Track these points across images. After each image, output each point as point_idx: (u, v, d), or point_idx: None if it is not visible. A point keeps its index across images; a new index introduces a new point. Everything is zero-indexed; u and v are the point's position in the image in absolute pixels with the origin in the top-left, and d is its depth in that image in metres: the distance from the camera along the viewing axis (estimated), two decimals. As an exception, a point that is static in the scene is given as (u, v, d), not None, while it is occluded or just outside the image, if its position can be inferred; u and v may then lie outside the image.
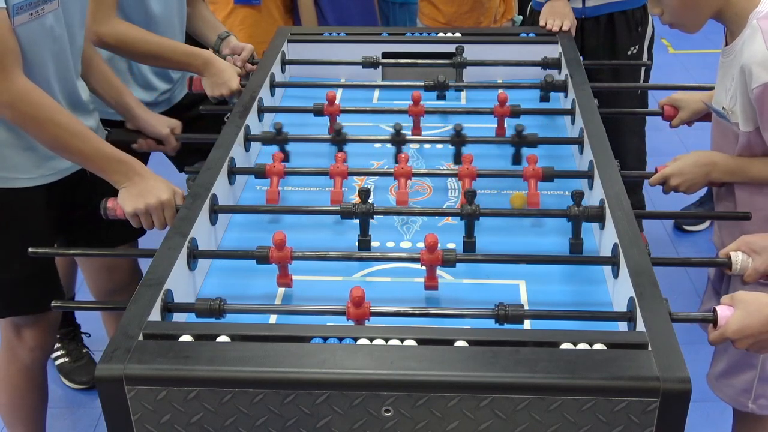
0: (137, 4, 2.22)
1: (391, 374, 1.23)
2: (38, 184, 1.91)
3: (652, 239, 3.32)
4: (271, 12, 3.26)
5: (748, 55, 1.68)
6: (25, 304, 1.99)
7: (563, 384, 1.21)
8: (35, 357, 2.11)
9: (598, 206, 1.69)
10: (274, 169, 1.88)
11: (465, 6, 3.27)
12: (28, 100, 1.69)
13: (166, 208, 1.76)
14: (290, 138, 2.04)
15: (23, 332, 2.06)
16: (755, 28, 1.68)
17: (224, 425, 1.26)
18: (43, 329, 2.08)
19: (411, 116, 2.15)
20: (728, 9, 1.74)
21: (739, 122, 1.76)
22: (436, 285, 1.57)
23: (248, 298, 1.59)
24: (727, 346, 1.82)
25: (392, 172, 1.86)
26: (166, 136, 2.18)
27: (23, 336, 2.07)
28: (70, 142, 1.74)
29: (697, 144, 4.02)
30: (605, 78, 2.89)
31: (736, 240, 1.60)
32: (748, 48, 1.68)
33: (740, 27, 1.73)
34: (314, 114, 2.15)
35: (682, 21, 1.80)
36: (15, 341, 2.08)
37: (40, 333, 2.07)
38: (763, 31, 1.66)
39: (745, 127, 1.75)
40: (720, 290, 1.91)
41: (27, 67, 1.74)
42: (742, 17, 1.72)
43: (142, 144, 2.19)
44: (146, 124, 2.16)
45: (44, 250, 1.69)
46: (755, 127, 1.74)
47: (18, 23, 1.68)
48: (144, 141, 2.18)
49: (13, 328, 2.06)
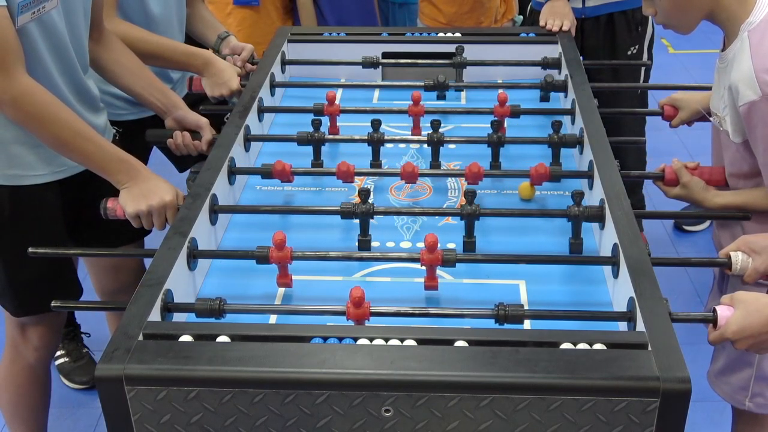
0: (137, 5, 2.22)
1: (391, 374, 1.23)
2: (49, 180, 1.90)
3: (652, 239, 3.32)
4: (270, 13, 3.26)
5: (736, 72, 1.68)
6: (43, 303, 1.97)
7: (563, 384, 1.21)
8: (40, 356, 2.11)
9: (598, 206, 1.69)
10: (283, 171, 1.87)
11: (466, 6, 3.27)
12: (30, 98, 1.69)
13: (169, 209, 1.76)
14: (326, 139, 2.03)
15: (28, 331, 2.06)
16: (745, 41, 1.68)
17: (224, 425, 1.26)
18: (48, 329, 2.07)
19: (411, 116, 2.15)
20: (720, 12, 1.74)
21: (729, 131, 1.77)
22: (436, 285, 1.57)
23: (248, 298, 1.59)
24: (726, 344, 1.82)
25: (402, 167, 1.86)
26: (207, 127, 2.11)
27: (28, 335, 2.06)
28: (72, 141, 1.74)
29: (697, 144, 4.04)
30: (605, 78, 2.89)
31: (735, 240, 1.60)
32: (737, 64, 1.68)
33: (733, 32, 1.73)
34: (314, 114, 2.15)
35: (674, 22, 1.81)
36: (20, 340, 2.07)
37: (45, 333, 2.07)
38: (751, 45, 1.66)
39: (734, 137, 1.76)
40: (725, 290, 1.91)
41: (31, 65, 1.73)
42: (734, 23, 1.72)
43: (177, 136, 2.11)
44: (189, 115, 2.11)
45: (44, 250, 1.69)
46: (744, 139, 1.74)
47: (21, 23, 1.68)
48: (180, 134, 2.10)
49: (18, 328, 2.05)
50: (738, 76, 1.67)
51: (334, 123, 2.16)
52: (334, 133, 2.15)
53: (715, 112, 1.84)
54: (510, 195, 1.94)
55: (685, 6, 1.76)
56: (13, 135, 1.81)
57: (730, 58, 1.73)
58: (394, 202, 1.93)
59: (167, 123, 2.15)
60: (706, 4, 1.74)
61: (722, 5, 1.73)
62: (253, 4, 3.19)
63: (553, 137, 1.96)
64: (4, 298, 1.98)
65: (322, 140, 2.02)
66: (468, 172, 1.85)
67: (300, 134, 2.02)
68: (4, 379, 2.14)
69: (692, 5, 1.75)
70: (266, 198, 1.97)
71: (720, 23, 1.77)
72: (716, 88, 1.85)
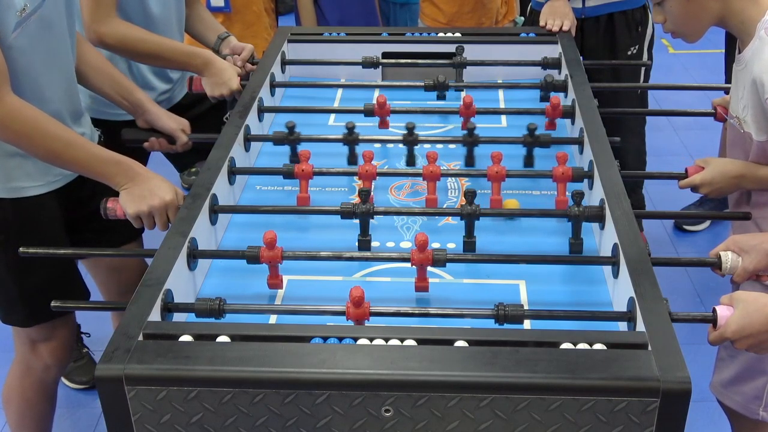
0: (137, 5, 2.22)
1: (391, 374, 1.23)
2: (47, 190, 1.90)
3: (652, 239, 3.32)
4: (245, 18, 3.23)
5: (759, 65, 1.67)
6: (51, 311, 1.97)
7: (563, 384, 1.21)
8: (51, 374, 2.10)
9: (598, 206, 1.69)
10: (302, 170, 1.87)
11: (467, 6, 3.27)
12: (18, 117, 1.68)
13: (170, 209, 1.75)
14: (302, 138, 2.03)
15: (39, 348, 2.04)
16: (763, 39, 1.67)
17: (224, 425, 1.26)
18: (59, 344, 2.05)
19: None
20: (732, 18, 1.74)
21: (752, 132, 1.76)
22: (427, 286, 1.57)
23: (248, 298, 1.59)
24: (735, 354, 1.81)
25: (420, 172, 1.86)
26: (178, 131, 2.15)
27: (40, 352, 2.05)
28: (64, 152, 1.73)
29: (697, 144, 4.04)
30: (605, 78, 2.89)
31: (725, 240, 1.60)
32: (759, 59, 1.67)
33: (749, 36, 1.72)
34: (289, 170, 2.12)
35: (683, 29, 1.81)
36: (31, 357, 2.06)
37: (56, 348, 2.05)
38: None
39: (758, 136, 1.75)
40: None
41: (22, 82, 1.73)
42: (749, 25, 1.71)
43: (153, 143, 2.16)
44: (158, 119, 2.14)
45: (34, 250, 1.68)
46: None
47: (13, 38, 1.68)
48: (156, 140, 2.16)
49: (29, 344, 2.04)
50: (762, 69, 1.66)
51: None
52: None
53: (735, 115, 1.84)
54: (510, 195, 1.93)
55: (695, 13, 1.75)
56: (10, 148, 1.80)
57: (747, 58, 1.72)
58: (394, 202, 1.93)
59: (138, 123, 2.17)
60: (716, 10, 1.73)
61: (734, 10, 1.72)
62: (225, 10, 3.17)
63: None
64: (13, 310, 1.97)
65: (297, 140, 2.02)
66: (490, 172, 1.83)
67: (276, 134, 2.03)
68: (12, 390, 2.13)
69: (703, 12, 1.74)
70: (266, 198, 1.97)
71: (733, 27, 1.76)
72: (734, 90, 1.84)
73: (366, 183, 1.85)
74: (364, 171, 1.85)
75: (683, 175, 1.92)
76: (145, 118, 2.14)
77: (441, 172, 1.85)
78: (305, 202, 1.87)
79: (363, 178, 1.86)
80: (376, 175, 1.86)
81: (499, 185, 1.84)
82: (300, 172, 1.86)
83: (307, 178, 1.87)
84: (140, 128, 2.17)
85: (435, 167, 1.84)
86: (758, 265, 1.54)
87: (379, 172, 1.87)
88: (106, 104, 2.20)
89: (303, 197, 1.87)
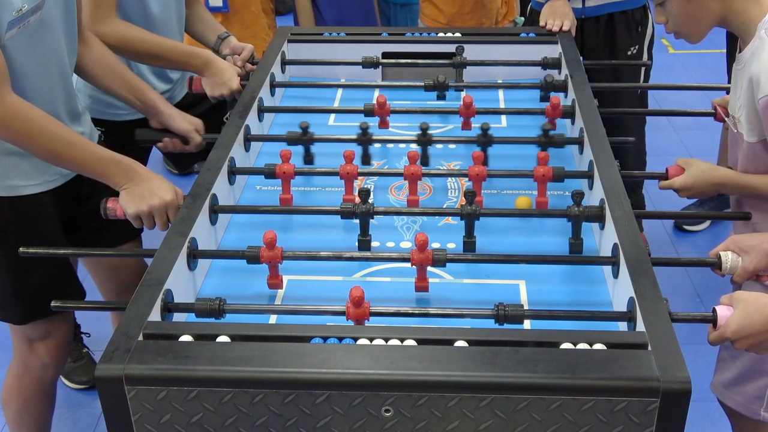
0: (137, 5, 2.22)
1: (391, 374, 1.23)
2: (45, 189, 1.90)
3: (652, 239, 3.32)
4: (244, 18, 3.23)
5: (757, 65, 1.67)
6: (48, 307, 1.97)
7: (563, 384, 1.21)
8: (49, 373, 2.10)
9: (598, 206, 1.69)
10: (283, 171, 1.87)
11: (467, 6, 3.27)
12: (18, 116, 1.68)
13: (170, 208, 1.75)
14: (316, 138, 2.03)
15: (37, 347, 2.04)
16: (764, 39, 1.67)
17: (224, 425, 1.26)
18: (56, 343, 2.06)
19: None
20: (733, 18, 1.74)
21: (743, 132, 1.76)
22: (427, 286, 1.57)
23: (248, 298, 1.59)
24: (736, 354, 1.81)
25: (401, 171, 1.86)
26: (192, 132, 2.15)
27: (37, 351, 2.05)
28: (64, 151, 1.73)
29: (697, 144, 4.04)
30: (605, 78, 2.89)
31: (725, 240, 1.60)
32: (757, 58, 1.67)
33: (750, 36, 1.72)
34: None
35: (685, 29, 1.81)
36: (29, 356, 2.06)
37: (53, 347, 2.05)
38: None
39: (749, 137, 1.75)
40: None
41: (20, 81, 1.73)
42: (750, 25, 1.71)
43: (167, 144, 2.16)
44: (172, 119, 2.13)
45: (34, 250, 1.69)
46: (759, 138, 1.73)
47: (8, 38, 1.68)
48: (170, 140, 2.16)
49: (26, 343, 2.04)
50: (759, 68, 1.65)
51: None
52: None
53: (731, 113, 1.83)
54: (510, 195, 1.94)
55: (697, 13, 1.75)
56: (7, 146, 1.80)
57: (747, 57, 1.72)
58: (394, 202, 1.93)
59: (152, 124, 2.16)
60: (718, 10, 1.73)
61: (735, 10, 1.72)
62: (224, 11, 3.17)
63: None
64: (8, 306, 1.97)
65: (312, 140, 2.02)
66: (470, 172, 1.84)
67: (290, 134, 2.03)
68: (11, 389, 2.13)
69: (703, 12, 1.74)
70: (266, 198, 1.97)
71: (734, 27, 1.76)
72: (733, 90, 1.84)
73: (348, 184, 1.85)
74: (345, 172, 1.85)
75: (664, 175, 1.92)
76: (158, 118, 2.14)
77: (422, 172, 1.84)
78: (288, 203, 1.86)
79: (344, 178, 1.85)
80: (357, 176, 1.86)
81: (480, 185, 1.84)
82: (281, 173, 1.86)
83: (288, 178, 1.86)
84: (153, 129, 2.17)
85: (416, 168, 1.84)
86: (758, 265, 1.54)
87: (360, 172, 1.87)
88: (107, 104, 2.20)
89: (285, 198, 1.86)
